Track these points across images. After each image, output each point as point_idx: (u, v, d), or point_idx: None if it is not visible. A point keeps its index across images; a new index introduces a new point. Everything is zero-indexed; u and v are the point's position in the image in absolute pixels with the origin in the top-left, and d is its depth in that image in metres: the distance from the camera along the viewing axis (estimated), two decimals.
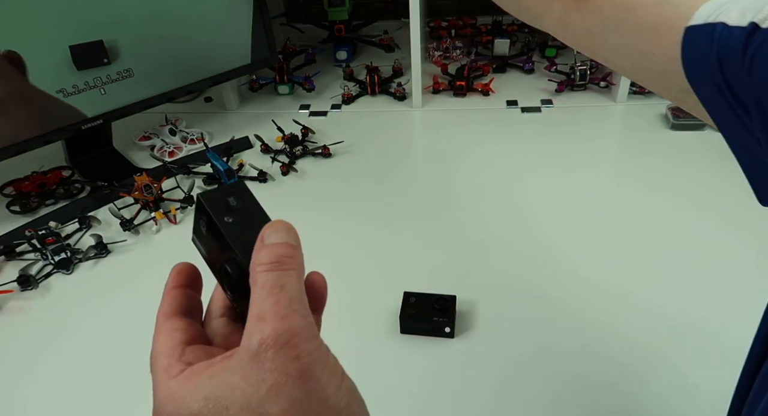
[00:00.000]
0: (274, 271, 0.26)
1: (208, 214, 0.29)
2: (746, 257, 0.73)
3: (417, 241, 0.80)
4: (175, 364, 0.26)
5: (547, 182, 0.90)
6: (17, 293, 0.75)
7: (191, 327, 0.30)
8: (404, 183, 0.94)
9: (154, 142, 1.06)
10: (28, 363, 0.66)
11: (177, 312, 0.30)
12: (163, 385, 0.26)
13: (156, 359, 0.28)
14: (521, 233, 0.80)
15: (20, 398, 0.62)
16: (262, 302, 0.25)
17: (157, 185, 0.88)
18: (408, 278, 0.71)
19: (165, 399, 0.26)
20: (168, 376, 0.26)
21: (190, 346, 0.28)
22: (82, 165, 0.99)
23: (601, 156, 0.98)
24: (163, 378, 0.26)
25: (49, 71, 0.85)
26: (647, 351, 0.62)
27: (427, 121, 1.12)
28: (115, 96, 0.93)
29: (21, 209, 0.90)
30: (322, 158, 1.00)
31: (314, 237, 0.85)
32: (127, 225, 0.84)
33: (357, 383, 0.29)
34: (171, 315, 0.30)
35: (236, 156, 1.02)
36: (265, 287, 0.25)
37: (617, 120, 1.08)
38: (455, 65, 1.21)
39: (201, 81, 1.03)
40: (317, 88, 1.21)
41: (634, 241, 0.77)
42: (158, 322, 0.30)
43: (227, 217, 0.29)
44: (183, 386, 0.25)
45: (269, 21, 1.06)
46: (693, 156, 0.93)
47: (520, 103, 1.13)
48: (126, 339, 0.68)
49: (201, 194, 0.29)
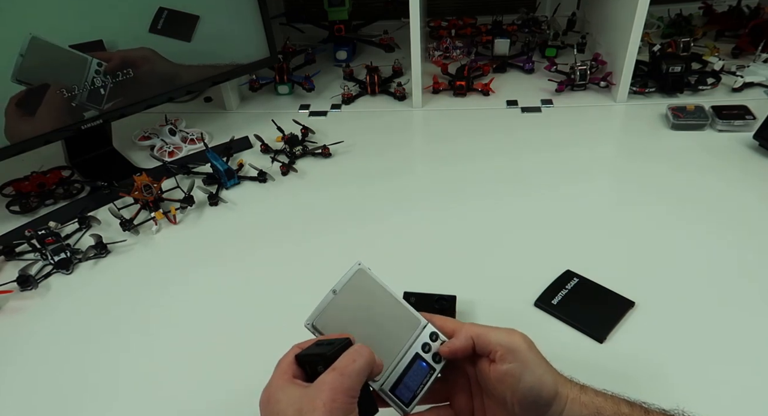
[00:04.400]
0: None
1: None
2: (746, 256, 0.73)
3: (417, 241, 0.80)
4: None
5: (547, 181, 0.90)
6: (17, 293, 0.75)
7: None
8: (404, 183, 0.94)
9: (154, 142, 1.06)
10: (28, 363, 0.66)
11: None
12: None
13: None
14: (521, 233, 0.80)
15: (20, 398, 0.62)
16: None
17: (157, 185, 0.88)
18: (408, 279, 0.70)
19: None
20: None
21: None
22: (82, 165, 0.99)
23: (602, 156, 0.98)
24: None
25: None
26: (646, 358, 0.62)
27: (427, 121, 1.12)
28: (114, 96, 0.92)
29: (21, 209, 0.90)
30: (321, 158, 1.00)
31: (314, 237, 0.86)
32: (126, 225, 0.84)
33: None
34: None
35: (236, 156, 1.02)
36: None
37: (617, 120, 1.07)
38: (455, 65, 1.21)
39: (201, 81, 1.03)
40: (317, 88, 1.21)
41: (634, 241, 0.77)
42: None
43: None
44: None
45: (269, 21, 1.06)
46: (693, 156, 0.93)
47: (520, 103, 1.13)
48: (126, 338, 0.68)
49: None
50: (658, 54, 1.12)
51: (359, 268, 0.49)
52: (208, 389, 0.61)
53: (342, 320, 0.48)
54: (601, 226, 0.81)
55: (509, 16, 1.41)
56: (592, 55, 1.18)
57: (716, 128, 0.99)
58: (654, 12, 1.28)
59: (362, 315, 0.49)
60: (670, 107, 1.02)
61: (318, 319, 0.48)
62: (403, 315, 0.49)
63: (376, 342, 0.46)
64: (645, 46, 1.16)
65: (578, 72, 1.13)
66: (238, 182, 0.95)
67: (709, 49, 1.20)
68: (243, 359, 0.64)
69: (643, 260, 0.74)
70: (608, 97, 1.12)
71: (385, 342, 0.48)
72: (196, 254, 0.81)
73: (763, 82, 1.09)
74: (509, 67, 1.27)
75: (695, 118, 0.99)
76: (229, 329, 0.68)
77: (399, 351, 0.48)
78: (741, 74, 1.09)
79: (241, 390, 0.60)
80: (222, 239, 0.83)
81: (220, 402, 0.59)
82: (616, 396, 0.48)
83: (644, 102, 1.09)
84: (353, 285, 0.49)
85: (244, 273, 0.76)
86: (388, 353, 0.47)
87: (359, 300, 0.49)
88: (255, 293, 0.73)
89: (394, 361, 0.47)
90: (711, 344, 0.62)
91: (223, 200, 0.91)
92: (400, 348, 0.48)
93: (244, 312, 0.70)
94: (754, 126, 0.95)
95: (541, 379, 0.46)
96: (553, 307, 0.67)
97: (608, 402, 0.47)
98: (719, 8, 1.34)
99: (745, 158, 0.92)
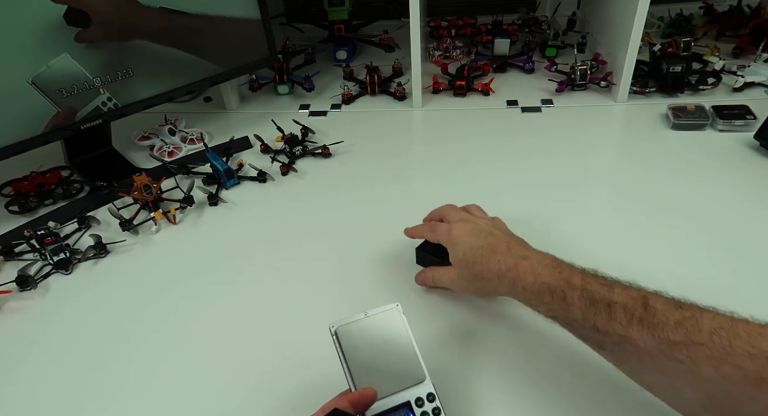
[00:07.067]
0: None
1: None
2: (746, 256, 0.73)
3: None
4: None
5: (547, 181, 0.90)
6: (16, 293, 0.75)
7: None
8: (404, 183, 0.94)
9: (154, 142, 1.06)
10: (27, 363, 0.66)
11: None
12: None
13: None
14: (521, 232, 0.80)
15: (19, 398, 0.62)
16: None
17: (157, 185, 0.88)
18: (408, 278, 0.71)
19: None
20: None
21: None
22: (81, 165, 0.99)
23: (602, 156, 0.98)
24: None
25: None
26: None
27: (427, 121, 1.12)
28: (114, 96, 0.92)
29: (20, 209, 0.90)
30: (321, 158, 1.00)
31: (314, 237, 0.86)
32: (126, 225, 0.84)
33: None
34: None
35: (236, 156, 1.02)
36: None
37: (618, 120, 1.07)
38: (455, 65, 1.21)
39: (201, 81, 1.03)
40: (317, 88, 1.21)
41: (634, 241, 0.77)
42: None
43: None
44: None
45: (269, 21, 1.06)
46: (694, 156, 0.93)
47: (520, 103, 1.13)
48: (125, 339, 0.68)
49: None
50: (659, 54, 1.12)
51: (396, 308, 0.53)
52: (207, 389, 0.61)
53: (360, 339, 0.51)
54: (600, 226, 0.80)
55: (509, 16, 1.41)
56: (593, 55, 1.18)
57: (717, 127, 0.98)
58: (654, 12, 1.28)
59: (378, 345, 0.52)
60: (670, 106, 1.02)
61: (342, 328, 0.51)
62: (413, 363, 0.52)
63: (378, 372, 0.50)
64: (645, 46, 1.16)
65: (578, 72, 1.13)
66: (238, 182, 0.95)
67: (710, 49, 1.19)
68: (243, 359, 0.64)
69: (643, 260, 0.73)
70: (608, 97, 1.12)
71: (386, 376, 0.50)
72: (196, 254, 0.81)
73: (763, 81, 1.09)
74: (509, 67, 1.27)
75: (696, 118, 0.99)
76: (229, 329, 0.68)
77: (394, 391, 0.50)
78: (741, 74, 1.09)
79: (240, 390, 0.60)
80: (222, 239, 0.83)
81: (220, 401, 0.59)
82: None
83: (644, 102, 1.09)
84: (384, 318, 0.53)
85: (244, 273, 0.76)
86: (383, 387, 0.50)
87: (382, 332, 0.52)
88: (255, 293, 0.73)
89: (385, 398, 0.50)
90: None
91: (223, 200, 0.91)
92: (396, 388, 0.50)
93: (243, 312, 0.70)
94: (755, 126, 0.95)
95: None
96: None
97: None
98: (720, 8, 1.34)
99: (745, 158, 0.92)
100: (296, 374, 0.60)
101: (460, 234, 0.63)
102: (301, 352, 0.63)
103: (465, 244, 0.62)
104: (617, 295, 0.49)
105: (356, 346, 0.51)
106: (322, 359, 0.53)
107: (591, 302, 0.50)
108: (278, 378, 0.60)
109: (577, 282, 0.52)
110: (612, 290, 0.49)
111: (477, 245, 0.60)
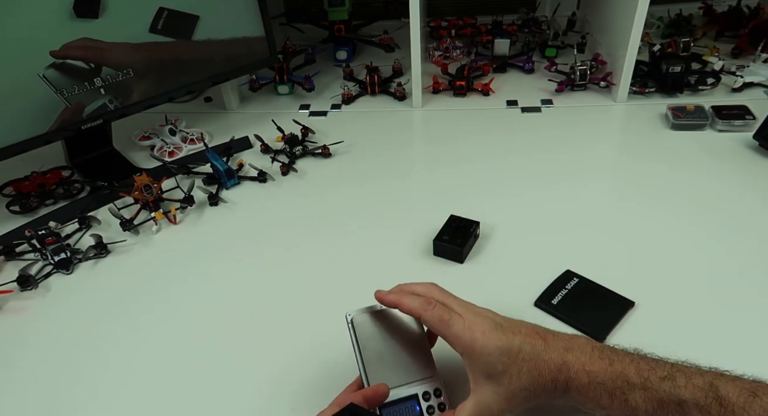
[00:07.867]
0: None
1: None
2: (747, 256, 0.73)
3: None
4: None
5: (547, 181, 0.90)
6: (17, 293, 0.75)
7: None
8: (404, 183, 0.94)
9: (154, 142, 1.06)
10: (28, 363, 0.66)
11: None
12: None
13: None
14: (521, 232, 0.80)
15: (20, 397, 0.62)
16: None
17: (157, 185, 0.88)
18: (407, 277, 0.71)
19: None
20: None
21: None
22: (82, 165, 0.99)
23: (602, 156, 0.98)
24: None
25: None
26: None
27: (427, 121, 1.12)
28: (114, 96, 0.92)
29: (21, 209, 0.90)
30: (321, 158, 1.00)
31: (314, 237, 0.86)
32: (126, 225, 0.84)
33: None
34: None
35: (236, 156, 1.02)
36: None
37: (617, 120, 1.07)
38: (455, 65, 1.21)
39: (201, 81, 1.03)
40: (317, 88, 1.21)
41: (634, 241, 0.77)
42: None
43: None
44: None
45: (269, 21, 1.06)
46: (693, 156, 0.93)
47: (520, 103, 1.13)
48: (126, 339, 0.68)
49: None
50: (658, 54, 1.12)
51: None
52: (207, 388, 0.61)
53: (374, 329, 0.53)
54: (601, 226, 0.81)
55: (509, 16, 1.41)
56: (592, 55, 1.18)
57: (716, 128, 0.99)
58: (654, 12, 1.28)
59: (392, 337, 0.53)
60: (670, 107, 1.02)
61: (358, 317, 0.53)
62: (424, 358, 0.53)
63: (390, 363, 0.51)
64: (645, 46, 1.16)
65: (578, 72, 1.13)
66: (238, 182, 0.95)
67: (709, 49, 1.20)
68: (243, 358, 0.64)
69: (643, 260, 0.74)
70: (608, 97, 1.12)
71: (396, 368, 0.51)
72: (197, 254, 0.81)
73: (762, 82, 1.09)
74: (509, 67, 1.27)
75: (695, 118, 0.99)
76: (230, 328, 0.68)
77: (404, 382, 0.51)
78: (741, 74, 1.09)
79: (240, 390, 0.61)
80: (222, 239, 0.83)
81: (220, 401, 0.59)
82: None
83: (644, 102, 1.09)
84: (399, 313, 0.53)
85: (245, 273, 0.77)
86: (392, 378, 0.51)
87: (397, 326, 0.53)
88: (255, 293, 0.73)
89: (394, 389, 0.51)
90: (711, 344, 0.61)
91: (223, 200, 0.91)
92: (406, 380, 0.51)
93: (244, 312, 0.70)
94: (754, 126, 0.95)
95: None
96: (553, 307, 0.67)
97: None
98: (719, 8, 1.34)
99: (745, 158, 0.92)
100: (296, 374, 0.61)
101: (480, 331, 0.48)
102: (302, 352, 0.63)
103: (491, 346, 0.47)
104: (683, 389, 0.44)
105: (370, 336, 0.52)
106: (323, 359, 0.54)
107: (659, 405, 0.44)
108: (279, 378, 0.61)
109: (634, 378, 0.45)
110: (675, 383, 0.45)
111: (513, 347, 0.47)
